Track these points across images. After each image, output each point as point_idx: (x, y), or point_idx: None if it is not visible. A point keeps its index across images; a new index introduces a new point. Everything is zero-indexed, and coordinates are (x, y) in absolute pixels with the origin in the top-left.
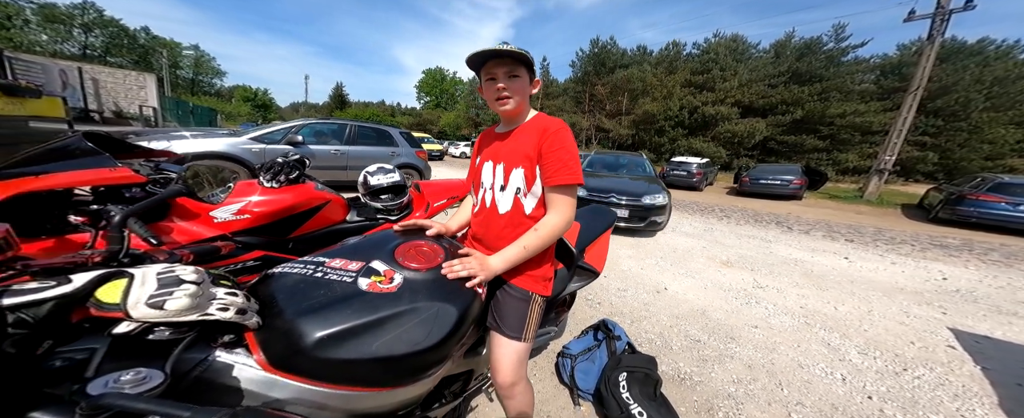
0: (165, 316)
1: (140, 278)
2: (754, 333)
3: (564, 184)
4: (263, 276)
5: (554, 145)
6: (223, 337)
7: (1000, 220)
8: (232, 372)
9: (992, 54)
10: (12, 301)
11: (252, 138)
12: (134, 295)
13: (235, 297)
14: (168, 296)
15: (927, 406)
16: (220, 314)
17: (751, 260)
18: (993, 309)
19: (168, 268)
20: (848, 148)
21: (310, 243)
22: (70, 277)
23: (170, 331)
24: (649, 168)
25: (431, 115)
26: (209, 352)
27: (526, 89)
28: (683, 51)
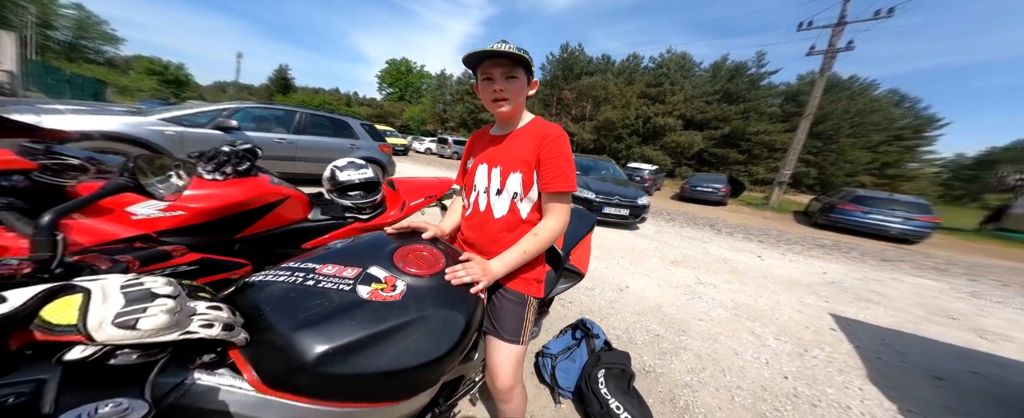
0: (138, 336)
1: (99, 293)
2: (700, 325)
3: (562, 191)
4: (242, 285)
5: (553, 152)
6: (202, 357)
7: (857, 225)
8: (217, 395)
9: (857, 89)
10: None
11: (165, 119)
12: (95, 314)
13: (219, 311)
14: (140, 313)
15: (823, 381)
16: (204, 332)
17: (693, 259)
18: (857, 297)
19: (133, 280)
20: (759, 162)
21: (261, 244)
22: (1, 294)
23: (138, 354)
24: (620, 172)
25: (393, 108)
26: (185, 374)
27: (523, 91)
28: (641, 64)
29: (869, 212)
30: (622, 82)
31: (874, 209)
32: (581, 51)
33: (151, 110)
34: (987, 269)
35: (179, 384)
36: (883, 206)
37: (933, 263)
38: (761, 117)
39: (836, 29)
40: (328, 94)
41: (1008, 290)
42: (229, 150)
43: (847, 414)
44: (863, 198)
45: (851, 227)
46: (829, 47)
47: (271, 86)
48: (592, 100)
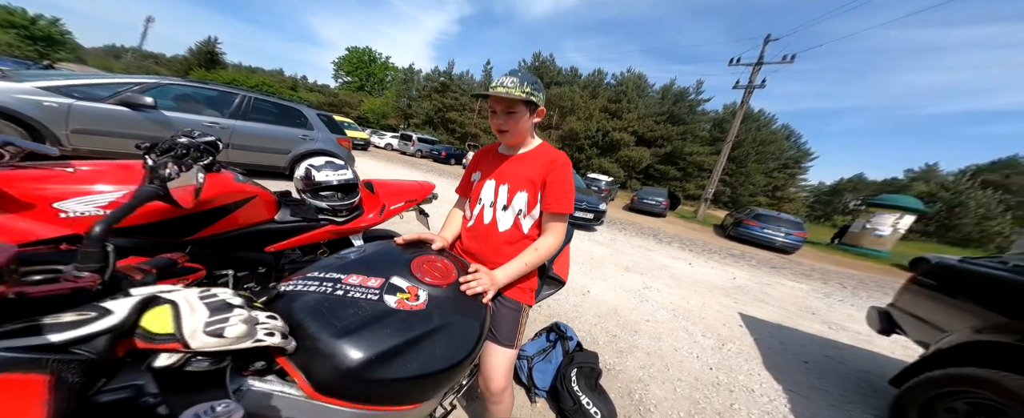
0: (223, 345)
1: (186, 304)
2: (648, 326)
3: (562, 212)
4: (276, 294)
5: (558, 177)
6: (254, 364)
7: (756, 238)
8: (270, 401)
9: (764, 122)
10: (72, 334)
11: (46, 88)
12: (188, 323)
13: (276, 321)
14: (224, 323)
15: (736, 368)
16: (269, 340)
17: (641, 266)
18: (755, 298)
19: (207, 291)
20: (691, 180)
21: (218, 247)
22: (105, 306)
23: (209, 361)
24: (580, 180)
25: (350, 97)
26: (241, 382)
27: (524, 123)
28: (604, 79)
29: (764, 227)
30: (587, 95)
31: (767, 225)
32: (552, 61)
33: (21, 74)
34: (835, 275)
35: (236, 390)
36: (773, 223)
37: (803, 270)
38: (695, 140)
39: (755, 68)
40: (268, 75)
41: (846, 291)
42: (187, 142)
43: (752, 395)
44: (761, 215)
45: (752, 239)
46: (749, 83)
47: (190, 59)
48: (559, 110)
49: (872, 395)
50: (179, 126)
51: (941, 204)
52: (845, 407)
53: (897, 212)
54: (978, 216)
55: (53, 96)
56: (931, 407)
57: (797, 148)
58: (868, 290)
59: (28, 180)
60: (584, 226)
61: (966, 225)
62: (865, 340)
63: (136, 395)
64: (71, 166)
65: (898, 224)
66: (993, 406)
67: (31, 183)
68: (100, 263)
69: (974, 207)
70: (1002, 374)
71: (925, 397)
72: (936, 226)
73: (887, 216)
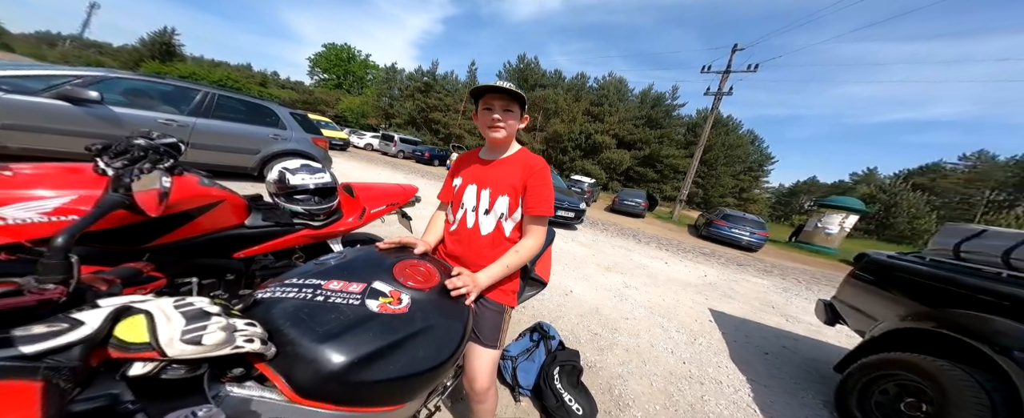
0: (203, 351)
1: (160, 313)
2: (627, 323)
3: (542, 215)
4: (253, 301)
5: (538, 181)
6: (231, 370)
7: (725, 237)
8: (250, 406)
9: (732, 127)
10: (46, 345)
11: None
12: (164, 332)
13: (255, 328)
14: (202, 331)
15: (706, 362)
16: (248, 346)
17: (621, 265)
18: (723, 294)
19: (181, 300)
20: (668, 181)
21: (179, 254)
22: (77, 317)
23: (185, 369)
24: (561, 181)
25: (327, 95)
26: (219, 388)
27: (516, 123)
28: (587, 83)
29: (732, 227)
30: (570, 98)
31: (735, 225)
32: (536, 64)
33: None
34: (792, 271)
35: (215, 395)
36: (739, 223)
37: (764, 267)
38: (671, 143)
39: (724, 76)
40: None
41: (801, 286)
42: (145, 144)
43: (720, 387)
44: (729, 216)
45: (721, 238)
46: (719, 90)
47: (142, 50)
48: (543, 112)
49: (821, 381)
50: (128, 124)
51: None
52: (798, 394)
53: (843, 212)
54: (910, 215)
55: None
56: (867, 390)
57: (760, 152)
58: (820, 284)
59: None
60: (565, 225)
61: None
62: (816, 331)
63: (112, 404)
64: (9, 169)
65: (844, 223)
66: (914, 386)
67: None
68: (64, 274)
69: (906, 207)
70: (920, 357)
71: (862, 381)
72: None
73: (835, 216)
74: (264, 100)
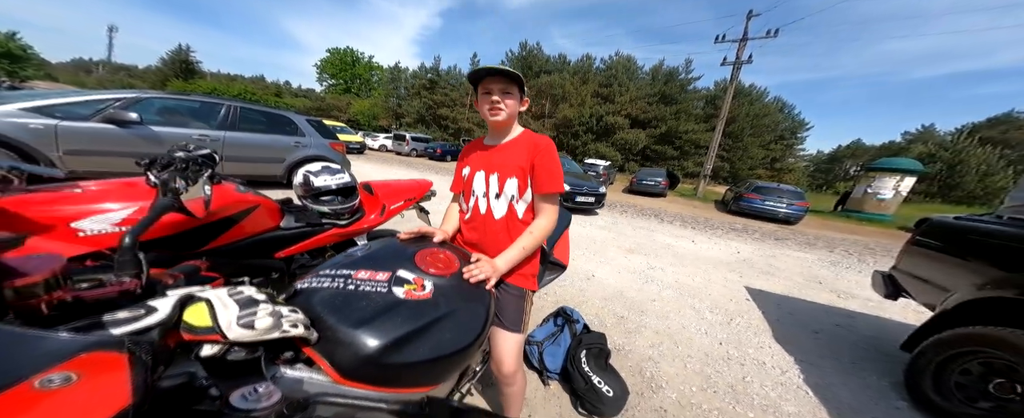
0: (255, 335)
1: (218, 301)
2: (654, 305)
3: (553, 192)
4: (294, 291)
5: (545, 159)
6: (284, 353)
7: (758, 211)
8: (302, 386)
9: (755, 96)
10: (131, 328)
11: (28, 109)
12: (224, 317)
13: (297, 314)
14: (253, 316)
15: (746, 343)
16: (293, 331)
17: (644, 247)
18: (761, 271)
19: (234, 289)
20: (689, 157)
21: (231, 256)
22: (151, 304)
23: (246, 351)
24: (577, 166)
25: (338, 100)
26: (275, 369)
27: (516, 105)
28: (593, 64)
29: (765, 200)
30: (577, 81)
31: (768, 197)
32: (539, 49)
33: (3, 96)
34: (839, 242)
35: (273, 376)
36: (773, 194)
37: (807, 240)
38: (689, 118)
39: (741, 44)
40: (249, 82)
41: (853, 258)
42: (185, 156)
43: (763, 368)
44: (761, 188)
45: (753, 212)
46: (736, 59)
47: (165, 69)
48: (550, 98)
49: (884, 361)
50: (168, 141)
51: (941, 164)
52: (858, 374)
53: (897, 175)
54: (980, 173)
55: (36, 117)
56: (944, 370)
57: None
58: (875, 256)
59: (43, 203)
60: (586, 210)
61: (969, 183)
62: (875, 307)
63: (191, 380)
64: (79, 187)
65: (899, 186)
66: (1003, 364)
67: (47, 205)
68: (135, 269)
69: (975, 164)
70: (1008, 331)
71: (937, 359)
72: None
73: (888, 179)
74: (281, 109)
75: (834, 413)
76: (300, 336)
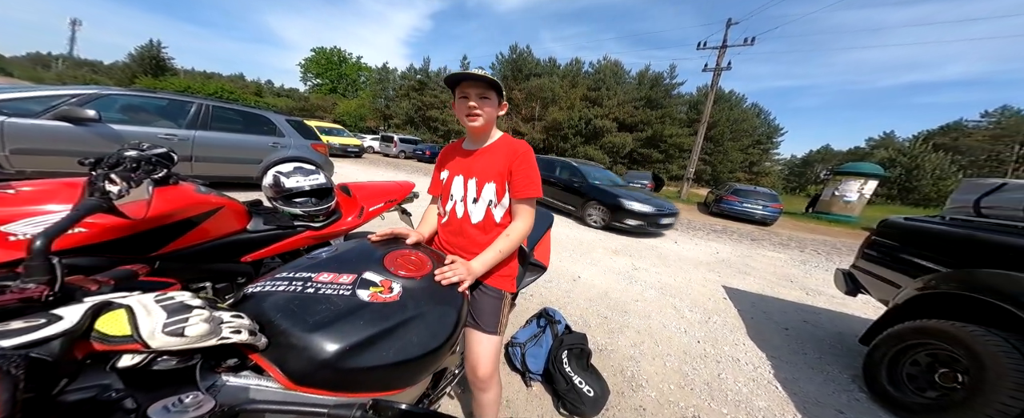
0: (185, 343)
1: (141, 308)
2: (637, 305)
3: (529, 196)
4: (243, 296)
5: (523, 164)
6: (227, 361)
7: (737, 212)
8: (248, 394)
9: (735, 101)
10: (23, 339)
11: None
12: (146, 325)
13: (242, 319)
14: (184, 323)
15: (722, 340)
16: (235, 337)
17: (629, 248)
18: (737, 270)
19: (163, 295)
20: (673, 161)
21: (189, 260)
22: (56, 313)
23: (176, 360)
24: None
25: (323, 101)
26: (214, 378)
27: (494, 110)
28: (582, 68)
29: (743, 202)
30: (566, 85)
31: (746, 199)
32: (529, 53)
33: None
34: (810, 242)
35: (211, 386)
36: (751, 197)
37: (781, 240)
38: (674, 122)
39: (721, 51)
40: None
41: (821, 257)
42: (136, 155)
43: (738, 364)
44: (740, 191)
45: (733, 214)
46: (717, 65)
47: (134, 66)
48: (540, 101)
49: (847, 355)
50: (131, 140)
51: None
52: (824, 369)
53: (861, 178)
54: (934, 177)
55: None
56: (897, 361)
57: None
58: (841, 255)
59: None
60: (653, 232)
61: (924, 186)
62: (839, 303)
63: (100, 393)
64: (12, 188)
65: (863, 189)
66: (947, 355)
67: None
68: (47, 275)
69: (930, 168)
70: (949, 323)
71: (890, 352)
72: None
73: (853, 183)
74: (259, 109)
75: (801, 406)
76: (244, 342)
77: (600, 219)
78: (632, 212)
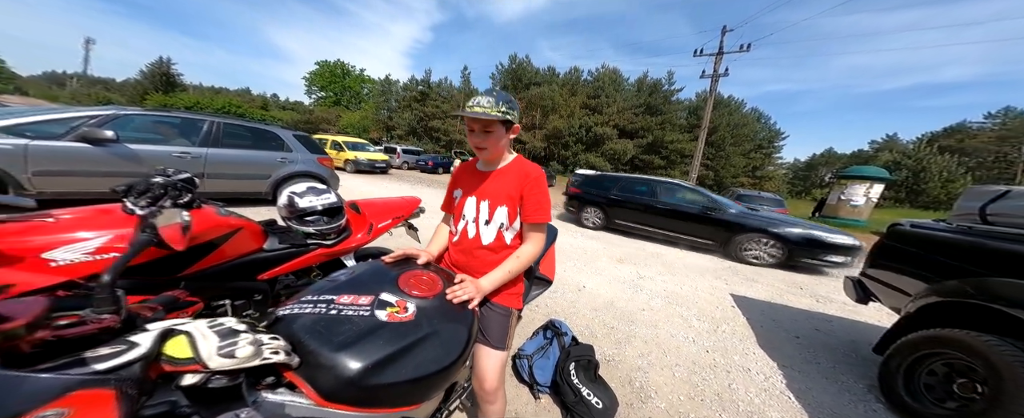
0: (236, 364)
1: (198, 333)
2: (644, 315)
3: (540, 222)
4: (275, 318)
5: (534, 190)
6: (265, 379)
7: None
8: (284, 410)
9: (734, 107)
10: (111, 364)
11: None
12: (204, 348)
13: (278, 341)
14: (234, 346)
15: (731, 350)
16: (274, 357)
17: (634, 256)
18: (745, 278)
19: (214, 321)
20: (675, 167)
21: (211, 280)
22: (132, 339)
23: (226, 379)
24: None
25: (327, 113)
26: (256, 395)
27: (500, 140)
28: (581, 76)
29: (746, 207)
30: (566, 93)
31: (750, 204)
32: (528, 62)
33: None
34: None
35: (254, 401)
36: (755, 202)
37: None
38: (674, 128)
39: (717, 57)
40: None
41: None
42: (163, 181)
43: (748, 374)
44: (743, 196)
45: None
46: (714, 72)
47: (145, 83)
48: (540, 109)
49: (861, 364)
50: (146, 159)
51: (906, 171)
52: (838, 378)
53: (867, 182)
54: (942, 179)
55: (5, 137)
56: (913, 371)
57: (768, 129)
58: None
59: (12, 234)
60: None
61: (932, 188)
62: (851, 311)
63: (173, 409)
64: (51, 216)
65: (869, 193)
66: (964, 365)
67: (16, 237)
68: (115, 305)
69: (937, 171)
70: (964, 333)
71: (906, 362)
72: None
73: (858, 187)
74: (267, 124)
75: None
76: (281, 362)
77: (766, 255)
78: (834, 246)
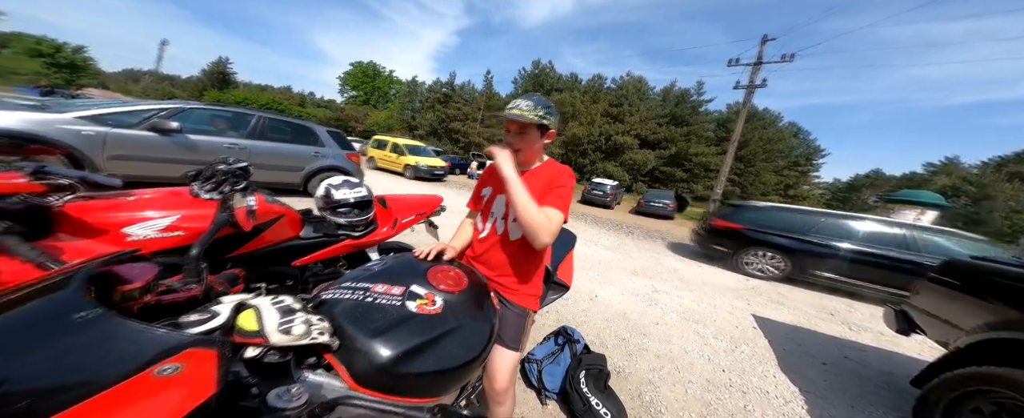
0: (291, 340)
1: (264, 308)
2: (657, 329)
3: (554, 208)
4: (318, 301)
5: (557, 183)
6: (309, 358)
7: None
8: (321, 390)
9: (768, 120)
10: (201, 329)
11: (83, 117)
12: (268, 323)
13: (325, 323)
14: (291, 323)
15: (750, 371)
16: (321, 338)
17: (650, 269)
18: (769, 299)
19: (276, 299)
20: (698, 180)
21: (253, 262)
22: (212, 309)
23: (278, 355)
24: None
25: (356, 111)
26: (299, 373)
27: (535, 143)
28: (604, 84)
29: None
30: (588, 100)
31: None
32: (551, 68)
33: (63, 105)
34: None
35: (299, 378)
36: None
37: None
38: (700, 140)
39: (755, 68)
40: (277, 92)
41: None
42: (224, 168)
43: (766, 397)
44: None
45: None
46: (750, 83)
47: (204, 80)
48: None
49: (895, 396)
50: (202, 148)
51: (966, 198)
52: (866, 409)
53: (918, 208)
54: (1008, 209)
55: (90, 125)
56: (955, 407)
57: (806, 145)
58: None
59: (101, 209)
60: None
61: (995, 219)
62: (889, 341)
63: (238, 378)
64: (132, 195)
65: (920, 220)
66: (1015, 405)
67: (103, 212)
68: (199, 277)
69: (1003, 200)
70: (1021, 372)
71: (948, 397)
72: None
73: (908, 212)
74: (304, 120)
75: None
76: (325, 343)
77: None
78: None
